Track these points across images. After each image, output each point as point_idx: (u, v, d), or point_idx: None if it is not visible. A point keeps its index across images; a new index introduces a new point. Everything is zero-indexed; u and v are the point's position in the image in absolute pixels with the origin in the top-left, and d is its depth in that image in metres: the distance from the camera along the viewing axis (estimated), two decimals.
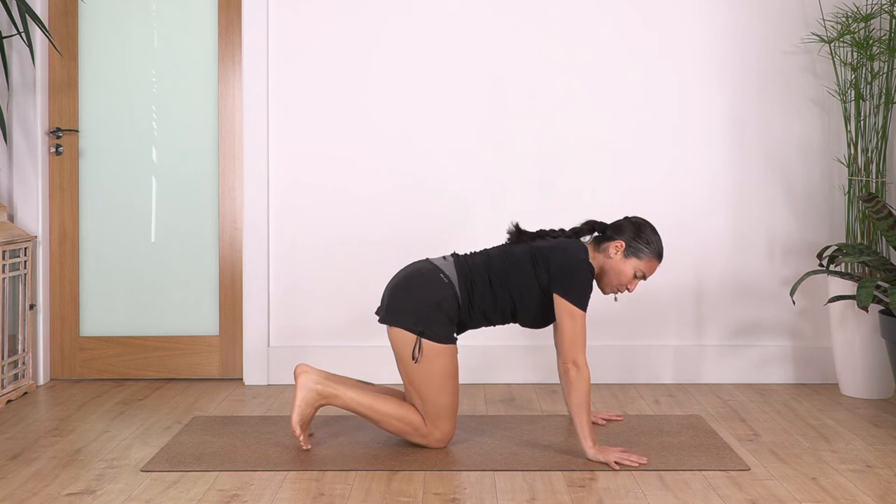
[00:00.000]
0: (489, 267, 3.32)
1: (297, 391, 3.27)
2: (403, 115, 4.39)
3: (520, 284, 3.29)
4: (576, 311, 3.21)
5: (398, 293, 3.30)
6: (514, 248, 3.37)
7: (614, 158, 4.39)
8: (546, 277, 3.26)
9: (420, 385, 3.25)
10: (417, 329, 3.22)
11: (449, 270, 3.29)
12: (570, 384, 3.18)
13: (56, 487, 2.96)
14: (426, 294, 3.25)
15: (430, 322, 3.22)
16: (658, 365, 4.38)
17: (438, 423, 3.27)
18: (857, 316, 4.07)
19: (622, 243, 3.32)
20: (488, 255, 3.36)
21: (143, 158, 4.47)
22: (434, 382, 3.24)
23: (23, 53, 4.30)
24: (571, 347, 3.19)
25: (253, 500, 2.85)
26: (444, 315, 3.24)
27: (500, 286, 3.29)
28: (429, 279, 3.28)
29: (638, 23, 4.38)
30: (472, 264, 3.33)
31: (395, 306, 3.28)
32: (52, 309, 4.44)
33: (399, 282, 3.34)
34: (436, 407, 3.26)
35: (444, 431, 3.28)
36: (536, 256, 3.30)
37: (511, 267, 3.30)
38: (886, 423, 3.69)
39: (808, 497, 2.87)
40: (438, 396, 3.25)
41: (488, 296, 3.29)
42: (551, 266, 3.25)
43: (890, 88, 4.15)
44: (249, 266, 4.38)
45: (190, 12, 4.45)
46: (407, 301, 3.26)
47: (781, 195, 4.41)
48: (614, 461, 3.12)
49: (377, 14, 4.38)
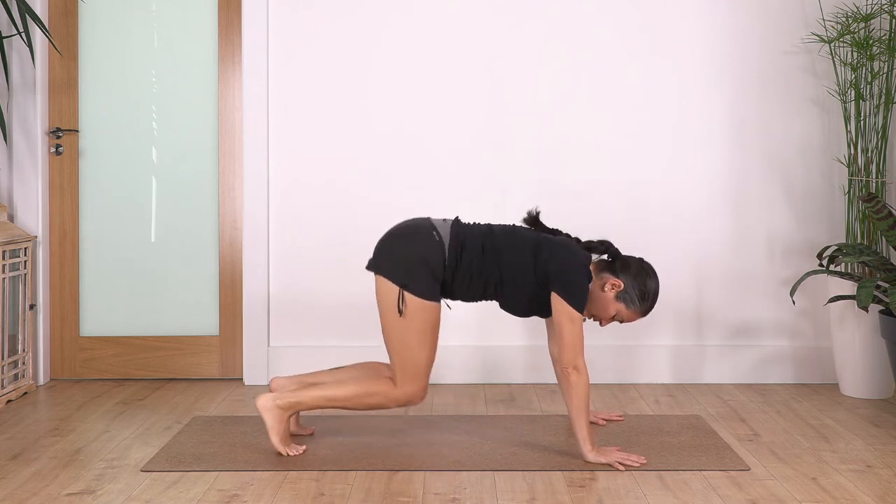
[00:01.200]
0: (486, 237, 3.29)
1: (262, 417, 3.26)
2: (403, 115, 4.39)
3: (513, 263, 3.26)
4: (575, 314, 3.20)
5: (388, 243, 3.29)
6: (522, 230, 3.35)
7: (614, 158, 4.39)
8: (545, 270, 3.24)
9: (398, 339, 3.23)
10: (401, 281, 3.20)
11: (444, 231, 3.28)
12: (570, 388, 3.17)
13: (56, 487, 2.96)
14: (414, 248, 3.23)
15: (414, 276, 3.20)
16: (658, 365, 4.38)
17: (411, 379, 3.24)
18: (857, 316, 4.07)
19: (621, 284, 3.30)
20: (490, 228, 3.34)
21: (143, 158, 4.47)
22: (412, 338, 3.22)
23: (23, 53, 4.30)
24: (572, 351, 3.18)
25: (253, 500, 2.85)
26: (429, 271, 3.21)
27: (492, 258, 3.26)
28: (421, 235, 3.26)
29: (638, 23, 4.38)
30: (469, 230, 3.31)
31: (383, 256, 3.27)
32: (52, 309, 4.44)
33: (392, 232, 3.33)
34: (412, 363, 3.23)
35: (415, 388, 3.25)
36: (542, 246, 3.27)
37: (510, 246, 3.28)
38: (886, 423, 3.69)
39: (808, 497, 2.87)
40: (416, 352, 3.23)
41: (476, 262, 3.25)
42: (555, 261, 3.23)
43: (890, 88, 4.15)
44: (249, 266, 4.38)
45: (190, 12, 4.45)
46: (395, 252, 3.25)
47: (781, 195, 4.42)
48: (616, 461, 3.12)
49: (377, 14, 4.38)
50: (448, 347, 4.36)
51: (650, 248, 4.39)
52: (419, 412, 3.87)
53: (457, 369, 4.37)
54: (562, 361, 3.20)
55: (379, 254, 3.29)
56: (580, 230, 4.36)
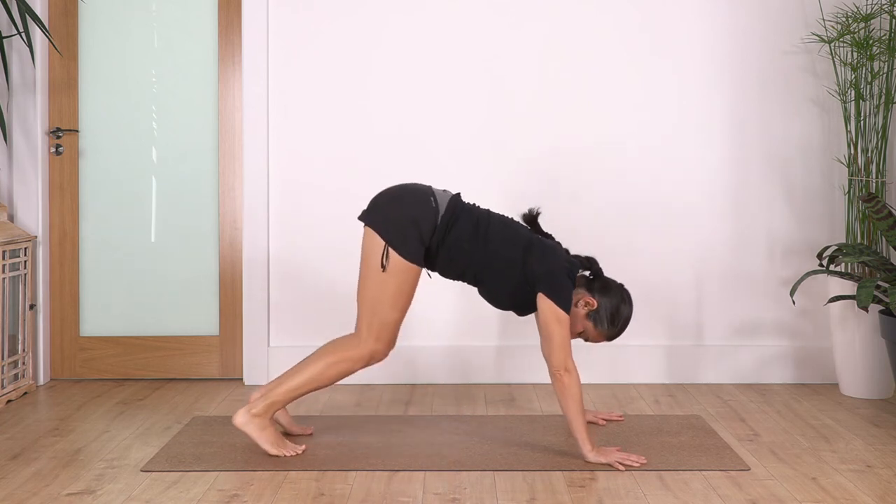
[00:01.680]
0: (481, 221, 3.29)
1: (245, 433, 3.24)
2: (403, 115, 4.39)
3: (501, 255, 3.25)
4: (563, 315, 3.19)
5: (384, 199, 3.29)
6: (518, 226, 3.34)
7: (614, 158, 4.39)
8: (533, 271, 3.23)
9: (373, 294, 3.22)
10: (388, 238, 3.20)
11: (442, 200, 3.27)
12: (564, 390, 3.17)
13: (56, 487, 2.96)
14: (409, 209, 3.22)
15: (402, 236, 3.19)
16: (658, 365, 4.38)
17: (376, 336, 3.23)
18: (857, 316, 4.07)
19: (595, 304, 3.31)
20: (489, 214, 3.34)
21: (143, 158, 4.47)
22: (387, 295, 3.21)
23: (23, 53, 4.31)
24: (562, 353, 3.18)
25: (253, 500, 2.85)
26: (418, 234, 3.21)
27: (482, 238, 3.25)
28: (418, 197, 3.25)
29: (638, 23, 4.38)
30: (466, 208, 3.31)
31: (376, 209, 3.27)
32: (52, 309, 4.44)
33: (389, 189, 3.33)
34: (380, 319, 3.23)
35: (379, 346, 3.24)
36: (534, 245, 3.27)
37: (502, 238, 3.27)
38: (886, 423, 3.69)
39: (808, 497, 2.87)
40: (387, 310, 3.22)
41: (465, 237, 3.25)
42: (545, 263, 3.23)
43: (890, 88, 4.15)
44: (249, 266, 4.38)
45: (190, 12, 4.45)
46: (389, 208, 3.25)
47: (781, 195, 4.42)
48: (617, 461, 3.12)
49: (377, 14, 4.38)
50: (448, 347, 4.36)
51: (650, 247, 4.39)
52: (419, 412, 3.87)
53: (457, 369, 4.37)
54: (552, 364, 3.19)
55: (373, 207, 3.29)
56: (580, 230, 4.37)
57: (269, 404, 3.24)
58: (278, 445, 3.24)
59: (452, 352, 4.36)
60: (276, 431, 3.28)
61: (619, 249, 4.38)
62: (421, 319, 4.38)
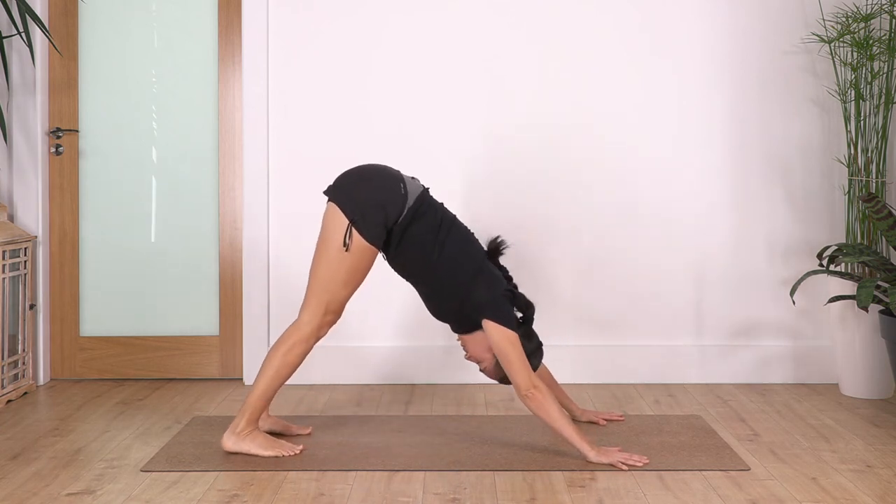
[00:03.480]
0: (446, 221, 3.29)
1: (238, 451, 3.23)
2: (403, 115, 4.39)
3: (453, 263, 3.24)
4: (512, 334, 3.18)
5: (353, 178, 3.28)
6: (477, 244, 3.35)
7: (614, 158, 4.39)
8: (478, 300, 3.22)
9: (329, 270, 3.21)
10: (353, 217, 3.18)
11: (412, 189, 3.26)
12: (540, 406, 3.15)
13: (56, 487, 2.96)
14: (377, 191, 3.22)
15: (367, 217, 3.18)
16: (658, 365, 4.38)
17: (324, 311, 3.22)
18: (857, 316, 4.07)
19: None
20: (454, 218, 3.34)
21: (143, 158, 4.47)
22: (342, 274, 3.21)
23: (23, 53, 4.30)
24: (525, 371, 3.16)
25: (253, 500, 2.84)
26: (383, 218, 3.20)
27: (440, 242, 3.24)
28: (387, 182, 3.25)
29: (638, 23, 4.38)
30: (434, 203, 3.31)
31: (344, 187, 3.25)
32: (52, 309, 4.44)
33: (360, 168, 3.32)
34: (330, 296, 3.22)
35: (325, 320, 3.24)
36: (484, 270, 3.27)
37: (459, 248, 3.26)
38: (886, 423, 3.69)
39: (808, 497, 2.87)
40: (339, 288, 3.22)
41: (425, 234, 3.24)
42: (489, 290, 3.23)
43: (890, 88, 4.15)
44: (249, 266, 4.38)
45: (190, 12, 4.45)
46: (357, 188, 3.23)
47: (781, 195, 4.41)
48: (620, 462, 3.11)
49: (377, 14, 4.38)
50: (448, 347, 4.36)
51: (650, 247, 4.39)
52: (419, 412, 3.87)
53: (457, 369, 4.37)
54: (520, 386, 3.16)
55: (340, 184, 3.27)
56: (580, 230, 4.37)
57: (248, 416, 3.25)
58: (273, 447, 3.24)
59: (452, 352, 4.36)
60: (265, 435, 3.28)
61: (619, 249, 4.38)
62: (421, 320, 4.38)
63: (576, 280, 4.39)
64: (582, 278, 4.38)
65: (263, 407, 3.27)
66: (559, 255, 4.38)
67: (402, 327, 4.41)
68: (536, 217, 4.37)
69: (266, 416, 3.45)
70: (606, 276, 4.39)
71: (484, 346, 3.31)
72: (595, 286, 4.39)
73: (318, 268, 3.24)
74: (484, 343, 3.31)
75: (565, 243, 4.39)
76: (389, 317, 4.39)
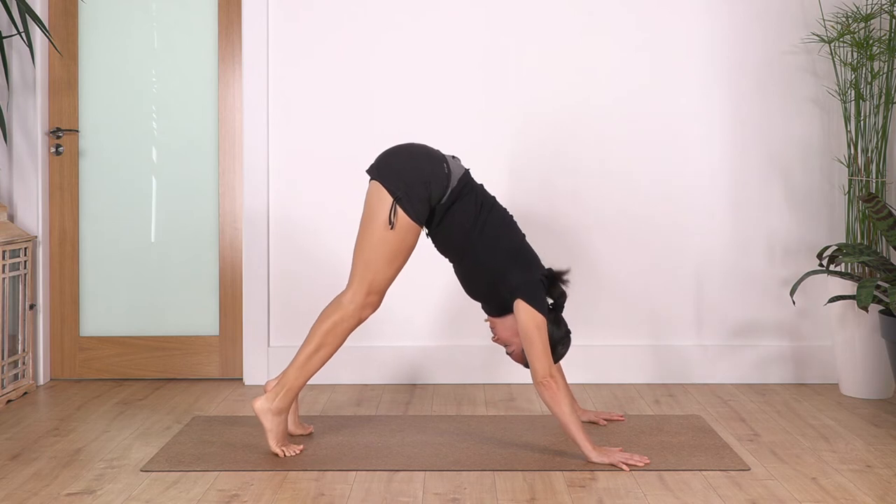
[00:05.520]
0: (486, 203, 3.29)
1: (260, 420, 3.24)
2: (404, 115, 4.39)
3: (492, 244, 3.24)
4: (540, 319, 3.18)
5: (397, 156, 3.27)
6: (515, 226, 3.34)
7: (614, 158, 4.39)
8: (513, 278, 3.22)
9: (373, 249, 3.20)
10: (397, 195, 3.17)
11: (455, 169, 3.26)
12: (554, 396, 3.14)
13: (56, 487, 2.96)
14: (421, 169, 3.20)
15: (412, 195, 3.18)
16: (658, 365, 4.38)
17: (367, 291, 3.21)
18: (857, 316, 4.07)
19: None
20: (494, 201, 3.33)
21: (143, 158, 4.47)
22: (386, 252, 3.20)
23: (23, 53, 4.30)
24: (546, 359, 3.16)
25: (253, 500, 2.85)
26: (427, 195, 3.19)
27: (481, 222, 3.25)
28: (432, 160, 3.24)
29: (637, 23, 4.38)
30: (476, 185, 3.31)
31: (388, 164, 3.24)
32: (52, 309, 4.44)
33: (403, 147, 3.32)
34: (375, 275, 3.21)
35: (371, 300, 3.22)
36: (522, 253, 3.27)
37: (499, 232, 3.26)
38: (886, 423, 3.69)
39: (808, 497, 2.87)
40: (383, 267, 3.21)
41: (466, 214, 3.24)
42: (525, 273, 3.23)
43: (890, 88, 4.15)
44: (249, 266, 4.38)
45: (190, 12, 4.45)
46: (402, 166, 3.22)
47: (781, 195, 4.41)
48: (621, 462, 3.11)
49: (377, 14, 4.38)
50: (448, 347, 4.36)
51: (650, 247, 4.39)
52: (419, 412, 3.87)
53: (457, 369, 4.37)
54: (538, 372, 3.16)
55: (384, 162, 3.26)
56: (580, 230, 4.37)
57: (286, 392, 3.23)
58: (281, 444, 3.24)
59: (452, 352, 4.36)
60: (285, 429, 3.28)
61: (620, 249, 4.38)
62: (422, 320, 4.38)
63: (576, 280, 4.38)
64: (582, 278, 4.38)
65: (302, 385, 3.26)
66: (558, 255, 4.37)
67: (402, 327, 4.41)
68: (535, 217, 4.37)
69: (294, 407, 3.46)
70: (606, 276, 4.39)
71: (513, 330, 3.31)
72: (595, 286, 4.39)
73: (362, 247, 3.22)
74: (513, 327, 3.31)
75: (564, 243, 4.39)
76: (390, 317, 4.39)
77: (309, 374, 3.26)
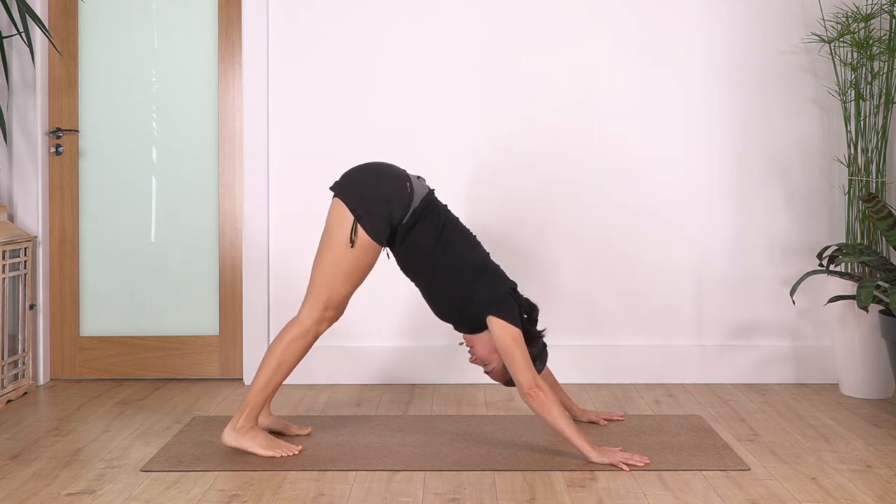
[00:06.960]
0: (449, 223, 3.29)
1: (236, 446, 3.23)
2: (404, 116, 4.39)
3: (455, 263, 3.24)
4: (516, 331, 3.17)
5: (359, 175, 3.28)
6: (479, 245, 3.33)
7: (615, 159, 4.39)
8: (482, 294, 3.21)
9: (331, 266, 3.21)
10: (358, 213, 3.18)
11: (418, 188, 3.26)
12: (543, 406, 3.14)
13: (56, 487, 2.96)
14: (383, 187, 3.21)
15: (373, 214, 3.18)
16: (658, 365, 4.38)
17: (324, 307, 3.22)
18: (857, 316, 4.07)
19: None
20: (457, 221, 3.34)
21: (143, 158, 4.47)
22: (344, 270, 3.21)
23: (23, 53, 4.31)
24: (528, 371, 3.15)
25: (253, 500, 2.85)
26: (389, 214, 3.19)
27: (443, 242, 3.24)
28: (395, 180, 3.24)
29: (637, 24, 4.38)
30: (439, 206, 3.31)
31: (351, 183, 3.25)
32: (52, 309, 4.44)
33: (368, 165, 3.32)
34: (331, 292, 3.22)
35: (325, 315, 3.23)
36: (488, 270, 3.27)
37: (462, 250, 3.26)
38: (886, 423, 3.69)
39: (808, 497, 2.87)
40: (341, 284, 3.22)
41: (429, 234, 3.24)
42: (493, 288, 3.22)
43: (890, 88, 4.15)
44: (249, 266, 4.38)
45: (190, 12, 4.45)
46: (364, 185, 3.23)
47: (781, 195, 4.42)
48: (621, 462, 3.11)
49: (378, 14, 4.38)
50: (448, 347, 4.36)
51: (650, 247, 4.39)
52: (419, 412, 3.87)
53: (457, 369, 4.37)
54: (523, 384, 3.15)
55: (347, 180, 3.27)
56: (580, 230, 4.37)
57: (248, 411, 3.24)
58: (271, 447, 3.23)
59: (452, 352, 4.36)
60: (266, 434, 3.27)
61: (619, 249, 4.38)
62: (421, 320, 4.38)
63: (576, 280, 4.39)
64: (582, 278, 4.38)
65: (264, 403, 3.26)
66: (559, 254, 4.38)
67: (402, 327, 4.41)
68: (536, 217, 4.37)
69: (267, 414, 3.45)
70: (606, 276, 4.39)
71: (490, 346, 3.30)
72: (595, 286, 4.39)
73: (320, 263, 3.24)
74: (490, 344, 3.29)
75: (565, 243, 4.39)
76: (389, 317, 4.40)
77: (270, 394, 3.27)
